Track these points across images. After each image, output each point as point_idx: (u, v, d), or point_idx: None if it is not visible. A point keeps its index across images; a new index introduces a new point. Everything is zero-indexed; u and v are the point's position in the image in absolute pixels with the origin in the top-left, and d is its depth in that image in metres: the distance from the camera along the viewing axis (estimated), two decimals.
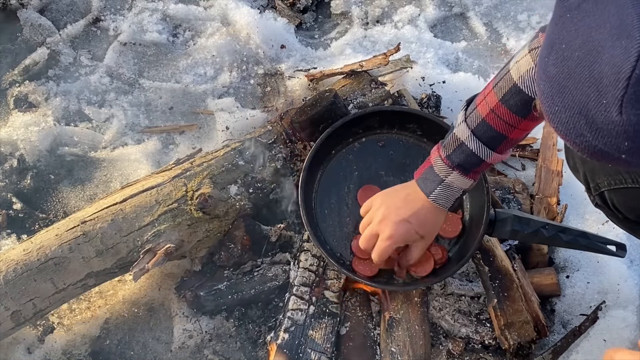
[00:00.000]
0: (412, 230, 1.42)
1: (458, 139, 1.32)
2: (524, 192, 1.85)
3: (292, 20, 2.27)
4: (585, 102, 0.76)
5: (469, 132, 1.30)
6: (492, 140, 1.30)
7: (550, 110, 0.82)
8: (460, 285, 1.69)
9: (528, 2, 2.34)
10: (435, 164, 1.37)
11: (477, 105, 1.30)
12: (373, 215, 1.46)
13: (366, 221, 1.49)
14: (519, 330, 1.59)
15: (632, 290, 1.74)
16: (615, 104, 0.73)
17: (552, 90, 0.81)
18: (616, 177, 1.34)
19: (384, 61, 1.91)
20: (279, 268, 1.70)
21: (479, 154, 1.31)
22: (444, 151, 1.35)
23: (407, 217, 1.41)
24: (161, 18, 2.24)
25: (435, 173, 1.37)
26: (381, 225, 1.43)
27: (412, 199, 1.41)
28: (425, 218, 1.42)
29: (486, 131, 1.29)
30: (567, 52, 0.78)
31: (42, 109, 2.07)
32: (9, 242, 1.82)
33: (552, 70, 0.80)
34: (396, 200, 1.43)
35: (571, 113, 0.79)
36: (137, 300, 1.76)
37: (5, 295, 1.53)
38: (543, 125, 1.99)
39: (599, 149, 0.78)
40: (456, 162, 1.33)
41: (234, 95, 2.10)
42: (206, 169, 1.69)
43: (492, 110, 1.27)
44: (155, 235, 1.60)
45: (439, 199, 1.39)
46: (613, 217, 1.46)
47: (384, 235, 1.43)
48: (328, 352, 1.57)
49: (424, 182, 1.40)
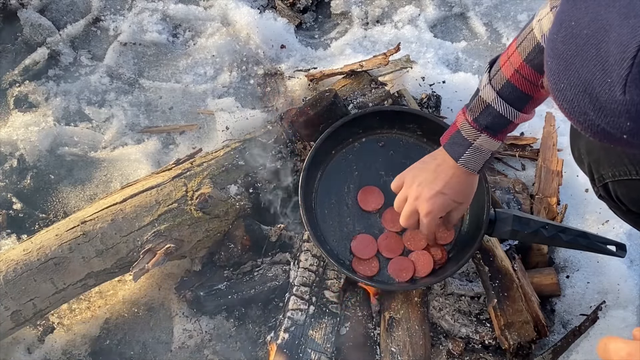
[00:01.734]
0: (449, 200, 1.43)
1: (484, 102, 1.32)
2: (524, 192, 1.85)
3: (292, 20, 2.27)
4: (590, 80, 0.76)
5: (494, 94, 1.30)
6: (518, 101, 1.30)
7: (556, 88, 0.82)
8: (460, 285, 1.69)
9: (528, 2, 2.34)
10: (462, 128, 1.37)
11: (501, 67, 1.30)
12: (407, 192, 1.47)
13: (401, 198, 1.49)
14: (519, 330, 1.59)
15: (632, 290, 1.74)
16: (619, 83, 0.73)
17: (559, 67, 0.81)
18: (620, 168, 1.34)
19: (384, 61, 1.91)
20: (279, 268, 1.70)
21: (506, 115, 1.31)
22: (471, 114, 1.35)
23: (440, 188, 1.42)
24: (161, 18, 2.24)
25: (463, 137, 1.37)
26: (418, 202, 1.45)
27: (442, 169, 1.42)
28: (458, 185, 1.42)
29: (512, 92, 1.29)
30: (575, 29, 0.78)
31: (42, 109, 2.07)
32: (9, 242, 1.82)
33: (561, 47, 0.80)
34: (427, 173, 1.44)
35: (576, 91, 0.79)
36: (137, 300, 1.76)
37: (5, 295, 1.53)
38: (543, 125, 1.99)
39: (602, 128, 0.78)
40: (484, 124, 1.33)
41: (234, 95, 2.10)
42: (206, 169, 1.69)
43: (517, 71, 1.27)
44: (155, 235, 1.60)
45: (468, 163, 1.38)
46: (616, 209, 1.46)
47: (423, 212, 1.44)
48: (328, 352, 1.57)
49: (452, 147, 1.39)
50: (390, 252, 1.63)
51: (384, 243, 1.64)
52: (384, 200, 1.68)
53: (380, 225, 1.66)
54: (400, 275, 1.60)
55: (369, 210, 1.68)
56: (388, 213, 1.66)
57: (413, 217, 1.47)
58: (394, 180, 1.52)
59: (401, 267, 1.61)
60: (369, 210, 1.68)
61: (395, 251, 1.63)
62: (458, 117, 1.39)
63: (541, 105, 2.08)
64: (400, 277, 1.60)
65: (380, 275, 1.61)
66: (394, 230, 1.65)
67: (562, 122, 2.01)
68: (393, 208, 1.65)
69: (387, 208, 1.67)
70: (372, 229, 1.66)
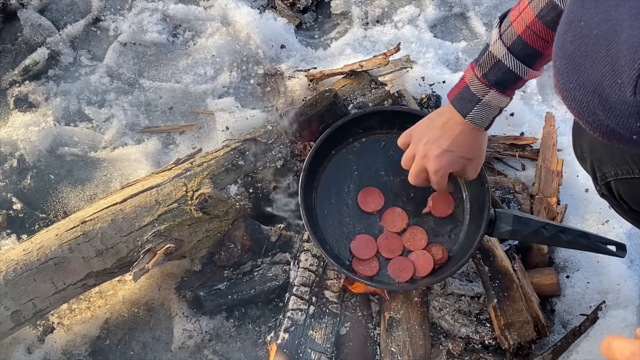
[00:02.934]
0: (457, 157, 1.42)
1: (494, 57, 1.31)
2: (524, 192, 1.85)
3: (292, 20, 2.27)
4: (600, 81, 0.76)
5: (505, 50, 1.29)
6: (528, 58, 1.29)
7: (564, 88, 0.82)
8: (460, 285, 1.69)
9: None
10: (471, 83, 1.35)
11: (512, 22, 1.29)
12: (415, 150, 1.47)
13: (408, 155, 1.49)
14: (519, 330, 1.59)
15: (632, 290, 1.74)
16: (630, 84, 0.73)
17: (568, 67, 0.80)
18: (623, 167, 1.34)
19: (384, 61, 1.91)
20: (279, 268, 1.70)
21: (516, 71, 1.30)
22: (480, 70, 1.34)
23: (447, 146, 1.41)
24: (161, 18, 2.24)
25: (471, 92, 1.36)
26: (425, 160, 1.44)
27: (449, 126, 1.41)
28: (466, 142, 1.41)
29: (522, 48, 1.28)
30: (585, 29, 0.78)
31: (42, 109, 2.07)
32: (9, 242, 1.83)
33: (569, 47, 0.80)
34: (434, 130, 1.43)
35: (585, 91, 0.78)
36: (137, 300, 1.76)
37: (5, 295, 1.53)
38: (543, 125, 1.99)
39: (611, 128, 0.78)
40: (493, 80, 1.32)
41: (234, 95, 2.10)
42: (206, 169, 1.69)
43: (529, 27, 1.26)
44: (155, 235, 1.60)
45: (476, 119, 1.37)
46: (618, 207, 1.46)
47: (432, 169, 1.44)
48: (328, 352, 1.57)
49: (460, 103, 1.38)
50: (390, 252, 1.63)
51: (384, 243, 1.64)
52: (384, 202, 1.68)
53: (380, 225, 1.66)
54: (400, 276, 1.60)
55: (369, 212, 1.68)
56: (388, 214, 1.66)
57: (421, 174, 1.47)
58: (401, 136, 1.51)
59: (401, 267, 1.61)
60: (369, 211, 1.68)
61: (395, 251, 1.63)
62: (466, 72, 1.37)
63: (541, 105, 2.11)
64: (400, 277, 1.60)
65: (380, 276, 1.61)
66: (393, 231, 1.65)
67: (562, 122, 2.01)
68: (393, 209, 1.65)
69: (387, 209, 1.67)
70: (372, 229, 1.66)
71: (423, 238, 1.63)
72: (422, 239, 1.63)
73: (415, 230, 1.64)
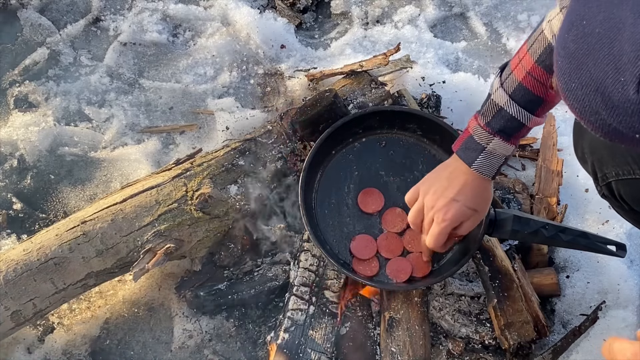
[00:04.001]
0: (463, 207, 1.41)
1: (497, 105, 1.31)
2: (524, 192, 1.85)
3: (292, 20, 2.27)
4: (602, 79, 0.75)
5: (506, 97, 1.29)
6: (530, 104, 1.29)
7: (566, 87, 0.81)
8: (460, 285, 1.69)
9: (528, 2, 2.34)
10: (475, 133, 1.35)
11: (512, 70, 1.29)
12: (423, 202, 1.46)
13: (416, 209, 1.47)
14: (519, 330, 1.59)
15: (632, 290, 1.74)
16: (633, 82, 0.72)
17: (570, 66, 0.80)
18: (624, 167, 1.33)
19: (384, 61, 1.91)
20: (279, 268, 1.70)
21: (519, 118, 1.30)
22: (483, 119, 1.34)
23: (454, 195, 1.40)
24: (161, 18, 2.24)
25: (475, 141, 1.35)
26: (434, 211, 1.43)
27: (455, 176, 1.40)
28: (472, 191, 1.40)
29: (524, 95, 1.28)
30: (587, 28, 0.77)
31: (42, 109, 2.07)
32: (9, 242, 1.83)
33: (572, 46, 0.79)
34: (441, 181, 1.42)
35: (588, 90, 0.77)
36: (137, 300, 1.76)
37: (5, 295, 1.53)
38: (543, 125, 1.99)
39: (614, 127, 0.77)
40: (496, 128, 1.32)
41: (234, 95, 2.10)
42: (206, 169, 1.69)
43: (529, 73, 1.26)
44: (155, 235, 1.60)
45: (482, 168, 1.37)
46: (619, 208, 1.46)
47: (438, 219, 1.42)
48: (328, 352, 1.57)
49: (465, 152, 1.38)
50: (390, 252, 1.63)
51: (384, 244, 1.64)
52: (384, 202, 1.68)
53: (380, 225, 1.66)
54: (398, 276, 1.60)
55: (369, 212, 1.68)
56: (388, 214, 1.66)
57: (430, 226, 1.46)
58: (409, 192, 1.50)
59: (399, 268, 1.61)
60: (369, 212, 1.68)
61: (395, 252, 1.63)
62: (470, 122, 1.38)
63: None
64: (398, 277, 1.60)
65: (380, 276, 1.61)
66: (394, 231, 1.65)
67: (562, 122, 2.01)
68: (393, 209, 1.65)
69: (387, 209, 1.66)
70: (372, 229, 1.66)
71: (424, 252, 1.62)
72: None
73: (415, 232, 1.64)
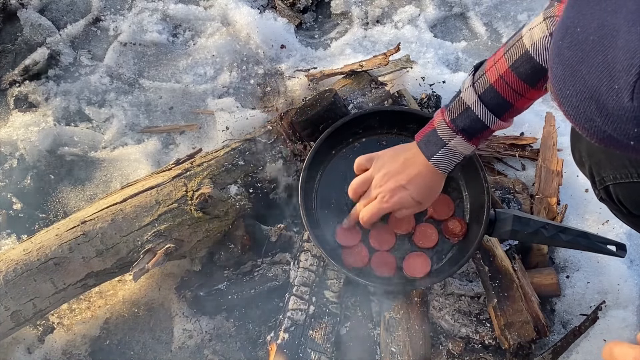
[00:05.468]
0: (409, 197, 1.43)
1: (464, 103, 1.32)
2: (524, 192, 1.85)
3: (292, 20, 2.27)
4: (597, 87, 0.76)
5: (475, 97, 1.30)
6: (497, 107, 1.30)
7: (561, 94, 0.82)
8: (460, 285, 1.69)
9: (528, 2, 2.34)
10: (438, 127, 1.37)
11: (485, 71, 1.30)
12: (371, 175, 1.47)
13: (361, 180, 1.49)
14: (519, 330, 1.59)
15: (632, 290, 1.74)
16: (627, 90, 0.73)
17: (564, 73, 0.80)
18: (622, 171, 1.34)
19: (384, 61, 1.91)
20: (279, 268, 1.70)
21: (484, 120, 1.31)
22: (449, 115, 1.35)
23: (404, 183, 1.42)
24: (161, 18, 2.24)
25: (438, 136, 1.37)
26: (378, 190, 1.45)
27: (410, 163, 1.42)
28: (423, 183, 1.42)
29: (493, 97, 1.29)
30: (581, 35, 0.78)
31: (42, 109, 2.07)
32: (9, 242, 1.83)
33: (567, 53, 0.80)
34: (395, 164, 1.44)
35: (582, 97, 0.78)
36: (137, 300, 1.76)
37: (5, 295, 1.53)
38: (543, 125, 1.99)
39: (608, 134, 0.78)
40: (460, 126, 1.33)
41: (234, 95, 2.10)
42: (206, 169, 1.69)
43: (501, 77, 1.27)
44: (155, 235, 1.60)
45: (440, 163, 1.38)
46: (617, 211, 1.46)
47: (380, 199, 1.45)
48: (328, 352, 1.57)
49: (426, 145, 1.39)
50: (379, 244, 1.62)
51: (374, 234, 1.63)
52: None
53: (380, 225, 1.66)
54: (381, 271, 1.59)
55: None
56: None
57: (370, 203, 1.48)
58: (361, 157, 1.51)
59: (385, 262, 1.60)
60: None
61: (383, 245, 1.62)
62: (436, 116, 1.39)
63: (541, 105, 2.11)
64: (382, 272, 1.59)
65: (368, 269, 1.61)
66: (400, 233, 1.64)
67: (562, 122, 2.01)
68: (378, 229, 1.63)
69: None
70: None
71: (434, 233, 1.63)
72: (433, 234, 1.63)
73: (424, 228, 1.64)
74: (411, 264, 1.61)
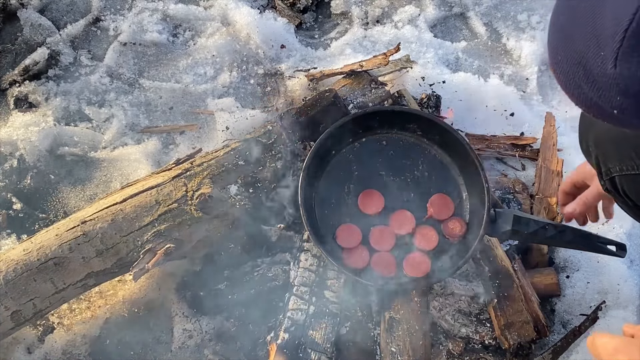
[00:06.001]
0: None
1: None
2: (524, 192, 1.85)
3: (292, 20, 2.27)
4: (585, 53, 0.78)
5: None
6: None
7: (554, 60, 0.84)
8: (460, 285, 1.69)
9: (528, 2, 2.34)
10: None
11: None
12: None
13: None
14: (519, 330, 1.59)
15: (632, 290, 1.74)
16: (611, 57, 0.75)
17: (558, 39, 0.83)
18: (628, 162, 1.33)
19: (384, 61, 1.91)
20: (279, 268, 1.70)
21: None
22: None
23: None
24: (161, 18, 2.24)
25: None
26: None
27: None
28: None
29: None
30: (574, 1, 0.80)
31: (42, 109, 2.07)
32: (9, 242, 1.83)
33: (562, 19, 0.82)
34: None
35: (572, 63, 0.80)
36: (137, 300, 1.76)
37: (5, 295, 1.53)
38: (543, 125, 1.99)
39: (594, 101, 0.80)
40: None
41: (234, 95, 2.10)
42: (206, 169, 1.69)
43: None
44: (155, 235, 1.60)
45: None
46: (623, 203, 1.45)
47: None
48: (328, 352, 1.57)
49: None
50: (378, 244, 1.63)
51: (376, 233, 1.64)
52: (384, 203, 1.68)
53: (380, 224, 1.66)
54: (381, 271, 1.60)
55: (369, 214, 1.68)
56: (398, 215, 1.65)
57: None
58: None
59: (385, 263, 1.60)
60: (369, 213, 1.68)
61: (383, 245, 1.62)
62: None
63: (541, 105, 2.11)
64: (384, 272, 1.60)
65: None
66: (402, 233, 1.64)
67: (562, 122, 2.01)
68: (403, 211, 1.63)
69: (397, 210, 1.65)
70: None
71: (434, 235, 1.64)
72: (433, 236, 1.64)
73: (424, 230, 1.64)
74: (411, 264, 1.61)
